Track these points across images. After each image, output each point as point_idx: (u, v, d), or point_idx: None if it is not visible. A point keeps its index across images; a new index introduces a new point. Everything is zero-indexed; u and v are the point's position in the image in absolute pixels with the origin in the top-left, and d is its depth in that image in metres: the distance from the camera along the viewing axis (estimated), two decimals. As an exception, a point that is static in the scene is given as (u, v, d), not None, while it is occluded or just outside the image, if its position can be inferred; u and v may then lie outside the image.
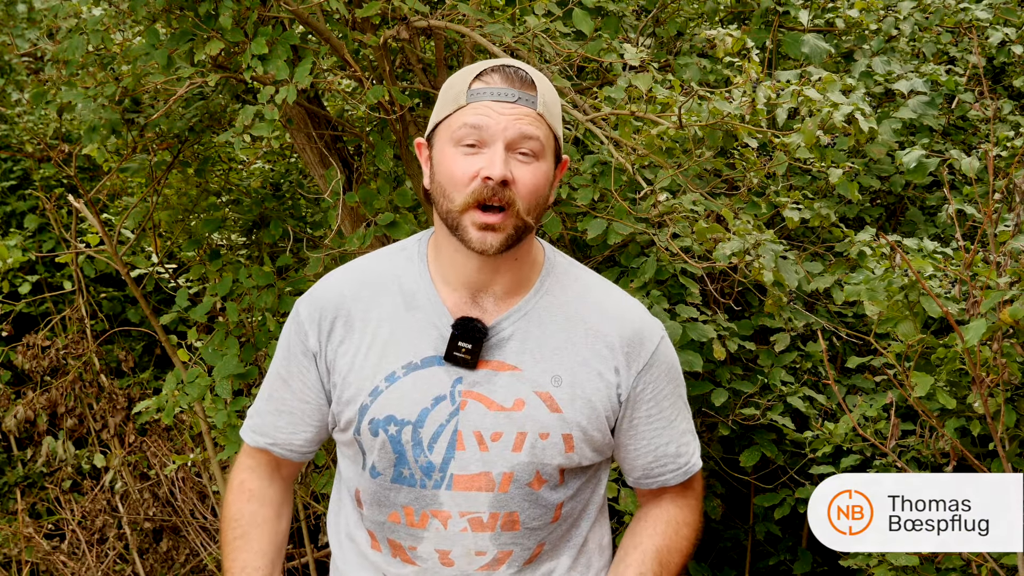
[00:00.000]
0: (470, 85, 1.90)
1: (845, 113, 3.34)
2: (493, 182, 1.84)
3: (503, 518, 1.93)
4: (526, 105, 1.88)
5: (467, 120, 1.87)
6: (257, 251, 4.62)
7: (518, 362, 1.93)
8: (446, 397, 1.92)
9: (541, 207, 1.92)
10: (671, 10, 4.22)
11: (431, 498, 1.92)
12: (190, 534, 4.73)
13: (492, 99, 1.87)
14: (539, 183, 1.89)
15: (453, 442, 1.91)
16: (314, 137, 3.87)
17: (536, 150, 1.88)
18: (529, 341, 1.94)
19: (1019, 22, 4.43)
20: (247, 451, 2.11)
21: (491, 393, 1.91)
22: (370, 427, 1.93)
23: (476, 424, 1.91)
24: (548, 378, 1.92)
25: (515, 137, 1.86)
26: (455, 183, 1.87)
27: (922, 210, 4.33)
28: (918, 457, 3.48)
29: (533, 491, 1.93)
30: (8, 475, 5.08)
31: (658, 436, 2.01)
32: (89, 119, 3.79)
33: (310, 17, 3.47)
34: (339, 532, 2.07)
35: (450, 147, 1.88)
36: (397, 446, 1.92)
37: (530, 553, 1.96)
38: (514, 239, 1.88)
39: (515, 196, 1.86)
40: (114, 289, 5.38)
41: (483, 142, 1.86)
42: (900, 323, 3.20)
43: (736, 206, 3.55)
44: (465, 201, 1.86)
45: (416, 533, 1.94)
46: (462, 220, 1.87)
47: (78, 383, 4.90)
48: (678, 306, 3.53)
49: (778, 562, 4.18)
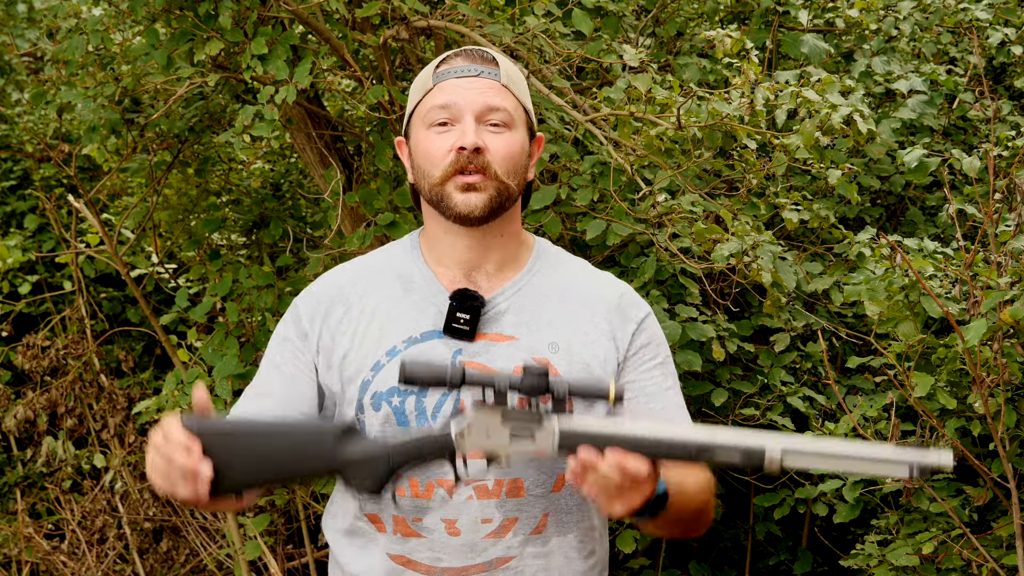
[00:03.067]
0: (435, 71, 1.99)
1: (844, 114, 3.34)
2: (467, 151, 1.92)
3: (508, 484, 1.95)
4: (489, 77, 1.97)
5: (435, 102, 1.95)
6: (257, 251, 4.61)
7: (515, 333, 1.98)
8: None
9: (520, 176, 1.99)
10: (671, 10, 4.22)
11: (436, 468, 1.94)
12: (190, 534, 4.73)
13: (456, 76, 1.96)
14: (513, 150, 1.96)
15: (456, 411, 1.93)
16: (314, 137, 3.87)
17: (505, 120, 1.96)
18: (524, 314, 1.99)
19: (1019, 22, 4.43)
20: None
21: (491, 362, 1.95)
22: (372, 401, 1.96)
23: (478, 392, 1.93)
24: (545, 345, 1.97)
25: (482, 108, 1.95)
26: (432, 160, 1.95)
27: (922, 210, 4.33)
28: (918, 457, 3.47)
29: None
30: (8, 475, 5.07)
31: (653, 401, 2.02)
32: (89, 119, 3.80)
33: (310, 17, 3.47)
34: (337, 528, 2.07)
35: (423, 130, 1.97)
36: (401, 417, 1.95)
37: (536, 522, 1.97)
38: (497, 202, 1.95)
39: (490, 161, 1.94)
40: (114, 289, 5.38)
41: (453, 119, 1.95)
42: (900, 323, 3.20)
43: (735, 207, 3.54)
44: (444, 172, 1.94)
45: (421, 504, 1.95)
46: (444, 189, 1.95)
47: (78, 383, 4.89)
48: (678, 306, 3.53)
49: (778, 562, 4.18)
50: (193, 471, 1.76)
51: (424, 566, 1.96)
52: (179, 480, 1.77)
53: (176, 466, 1.76)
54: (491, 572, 1.95)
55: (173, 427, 1.78)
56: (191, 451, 1.76)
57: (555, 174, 3.60)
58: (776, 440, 1.73)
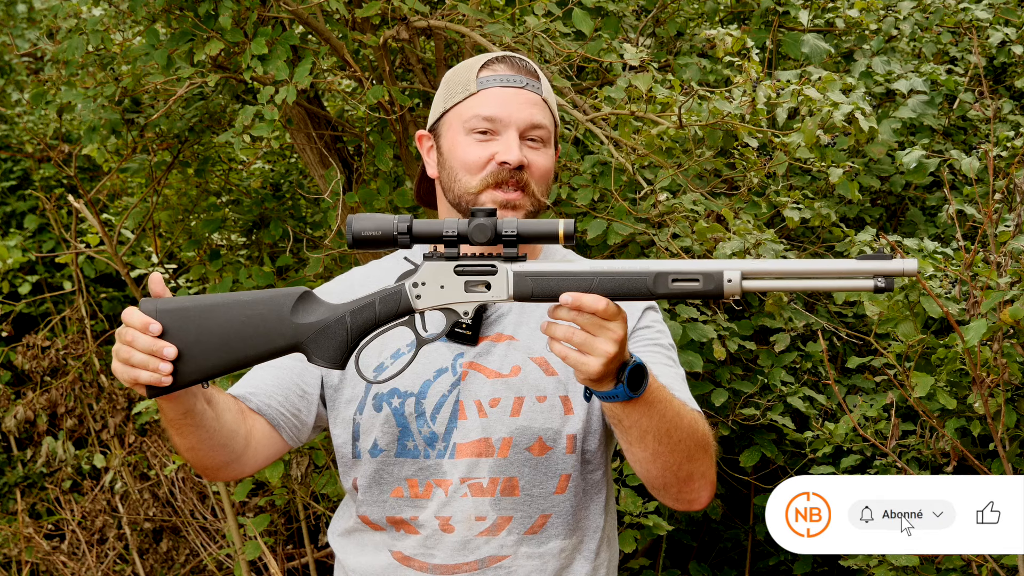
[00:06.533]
0: (478, 74, 1.99)
1: (845, 112, 3.34)
2: (510, 166, 1.94)
3: (503, 483, 1.94)
4: (533, 91, 1.99)
5: (480, 110, 1.96)
6: (257, 251, 4.61)
7: (514, 333, 1.99)
8: (448, 369, 1.97)
9: (549, 190, 2.03)
10: (671, 10, 4.22)
11: (434, 468, 1.95)
12: (190, 534, 4.73)
13: (502, 84, 1.97)
14: (548, 168, 2.00)
15: (455, 412, 1.94)
16: (314, 137, 3.87)
17: (544, 137, 1.99)
18: (526, 314, 2.00)
19: (1019, 22, 4.43)
20: None
21: (490, 363, 1.96)
22: (374, 402, 1.97)
23: (476, 393, 1.95)
24: (543, 344, 1.97)
25: (527, 123, 1.97)
26: (469, 168, 1.96)
27: (922, 210, 4.33)
28: (918, 457, 3.48)
29: (533, 456, 1.95)
30: (8, 475, 5.07)
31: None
32: (89, 119, 3.80)
33: (310, 17, 3.47)
34: (339, 530, 2.08)
35: (461, 135, 1.98)
36: (400, 419, 1.96)
37: (531, 522, 1.96)
38: (531, 218, 1.97)
39: (530, 178, 1.96)
40: (114, 289, 5.38)
41: (496, 130, 1.96)
42: (900, 323, 3.20)
43: (736, 206, 3.54)
44: (483, 182, 1.95)
45: (418, 503, 1.96)
46: (480, 199, 1.96)
47: (78, 383, 4.89)
48: (678, 306, 3.52)
49: (778, 562, 4.18)
50: (153, 350, 1.72)
51: (418, 562, 1.96)
52: (141, 364, 1.72)
53: (138, 346, 1.72)
54: (483, 570, 1.95)
55: (132, 312, 1.75)
56: (150, 330, 1.73)
57: (555, 174, 3.60)
58: (735, 263, 1.69)
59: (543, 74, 2.03)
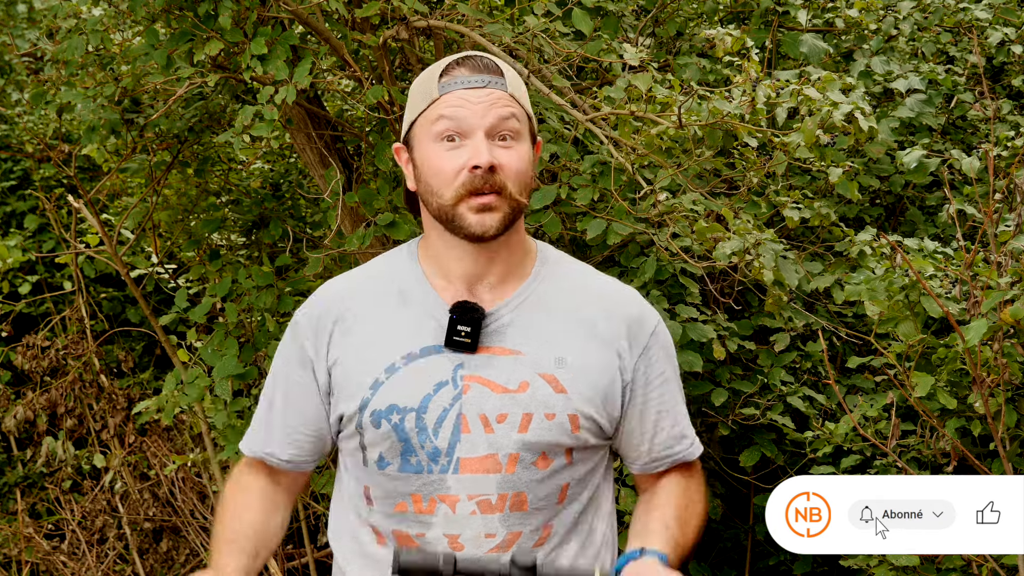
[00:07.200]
0: (439, 79, 1.94)
1: (845, 112, 3.34)
2: (481, 170, 1.88)
3: (511, 499, 1.93)
4: (497, 88, 1.93)
5: (443, 112, 1.91)
6: (257, 251, 4.61)
7: (519, 346, 1.95)
8: (448, 382, 1.93)
9: (528, 187, 1.97)
10: (671, 10, 4.22)
11: (439, 483, 1.93)
12: (190, 534, 4.73)
13: (464, 87, 1.92)
14: (523, 165, 1.94)
15: (458, 426, 1.92)
16: (314, 137, 3.87)
17: (514, 131, 1.93)
18: (530, 328, 1.96)
19: (1019, 22, 4.43)
20: (245, 460, 2.12)
21: (495, 376, 1.93)
22: (372, 419, 1.94)
23: (481, 407, 1.93)
24: (551, 360, 1.95)
25: (494, 122, 1.91)
26: (443, 179, 1.91)
27: (922, 210, 4.33)
28: (918, 457, 3.48)
29: (539, 470, 1.94)
30: (8, 475, 5.08)
31: (663, 419, 2.03)
32: (89, 119, 3.80)
33: (310, 17, 3.47)
34: (341, 535, 2.07)
35: (431, 144, 1.93)
36: (402, 434, 1.93)
37: (538, 536, 1.96)
38: (510, 218, 1.93)
39: (504, 180, 1.90)
40: (114, 289, 5.38)
41: (463, 133, 1.91)
42: (900, 323, 3.20)
43: (736, 205, 3.54)
44: (457, 193, 1.90)
45: (424, 519, 1.95)
46: (457, 210, 1.91)
47: (78, 383, 4.90)
48: (678, 306, 3.52)
49: (778, 562, 4.18)
50: None
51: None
52: None
53: None
54: None
55: None
56: None
57: (555, 174, 3.60)
58: None
59: (506, 66, 1.98)
